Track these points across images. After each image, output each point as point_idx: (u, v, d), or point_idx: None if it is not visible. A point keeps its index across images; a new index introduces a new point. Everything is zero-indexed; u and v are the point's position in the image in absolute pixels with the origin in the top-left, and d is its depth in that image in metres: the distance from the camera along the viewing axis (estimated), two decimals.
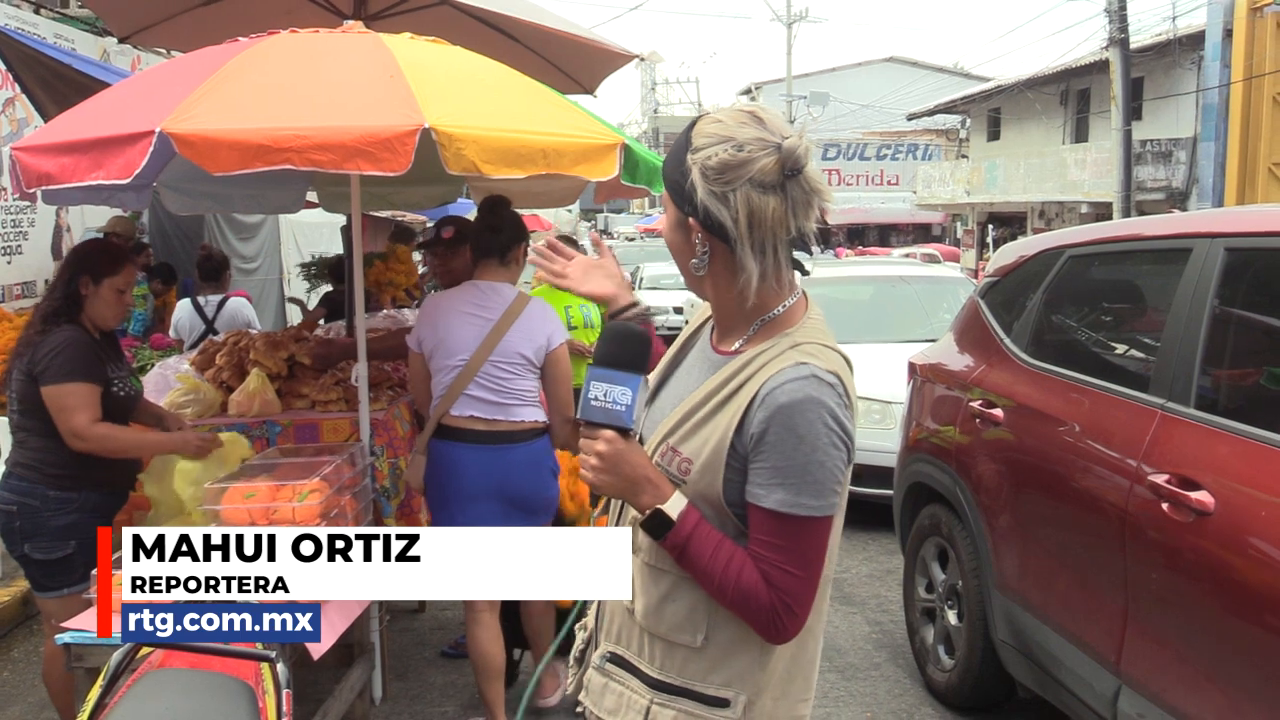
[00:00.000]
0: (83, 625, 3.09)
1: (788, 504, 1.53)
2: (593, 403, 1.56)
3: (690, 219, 1.60)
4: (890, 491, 4.90)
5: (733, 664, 1.64)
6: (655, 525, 1.58)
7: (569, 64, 5.69)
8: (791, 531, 1.55)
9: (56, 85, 6.13)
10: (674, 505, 1.58)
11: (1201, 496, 2.63)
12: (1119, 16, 16.83)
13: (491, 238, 3.69)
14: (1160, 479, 2.78)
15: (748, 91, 48.10)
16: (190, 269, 7.39)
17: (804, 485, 1.53)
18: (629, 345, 1.60)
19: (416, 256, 7.87)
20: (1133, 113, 17.54)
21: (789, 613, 1.56)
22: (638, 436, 1.67)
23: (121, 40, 6.09)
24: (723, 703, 1.63)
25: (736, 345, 1.66)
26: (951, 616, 4.10)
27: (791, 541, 1.55)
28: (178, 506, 3.51)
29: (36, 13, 8.69)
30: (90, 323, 3.42)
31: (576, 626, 1.91)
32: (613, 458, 1.57)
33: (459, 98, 3.37)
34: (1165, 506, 2.74)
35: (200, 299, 6.53)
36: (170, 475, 3.50)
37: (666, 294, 16.84)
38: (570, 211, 20.92)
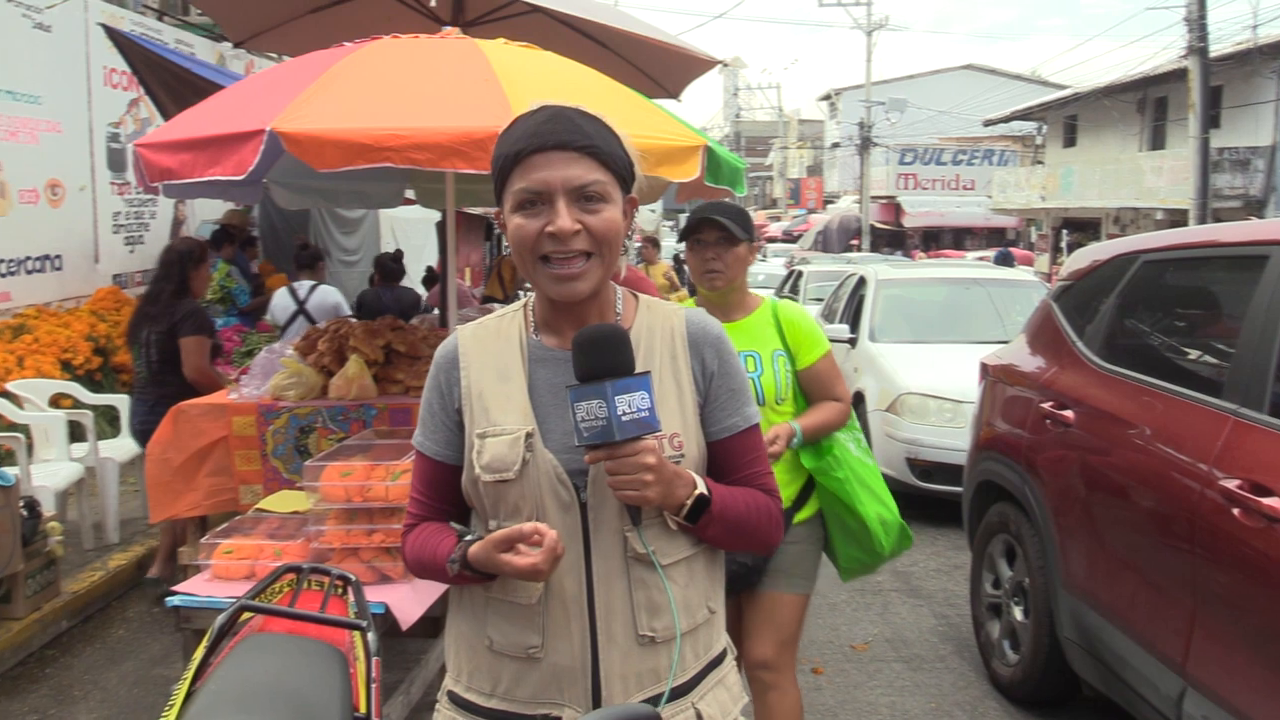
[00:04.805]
0: (192, 589, 3.31)
1: (755, 415, 1.66)
2: (624, 418, 1.40)
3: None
4: (960, 489, 4.93)
5: (721, 611, 1.68)
6: (697, 509, 1.52)
7: (655, 69, 5.82)
8: (760, 437, 1.68)
9: (176, 87, 6.48)
10: (699, 481, 1.53)
11: (1274, 503, 2.60)
12: (1198, 25, 16.36)
13: None
14: (1232, 484, 2.76)
15: (827, 97, 47.70)
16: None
17: (750, 395, 1.68)
18: (622, 347, 1.45)
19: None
20: (1211, 121, 17.06)
21: (781, 509, 1.68)
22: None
23: (236, 45, 6.43)
24: (723, 654, 1.67)
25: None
26: (1017, 612, 4.12)
27: (762, 447, 1.68)
28: None
29: (159, 19, 9.13)
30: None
31: None
32: (660, 465, 1.45)
33: (549, 100, 3.51)
34: (1236, 511, 2.72)
35: (295, 283, 6.83)
36: None
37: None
38: (653, 211, 20.93)
